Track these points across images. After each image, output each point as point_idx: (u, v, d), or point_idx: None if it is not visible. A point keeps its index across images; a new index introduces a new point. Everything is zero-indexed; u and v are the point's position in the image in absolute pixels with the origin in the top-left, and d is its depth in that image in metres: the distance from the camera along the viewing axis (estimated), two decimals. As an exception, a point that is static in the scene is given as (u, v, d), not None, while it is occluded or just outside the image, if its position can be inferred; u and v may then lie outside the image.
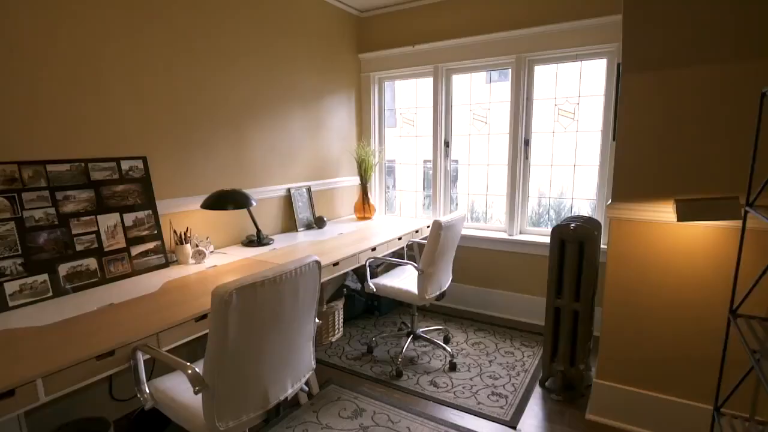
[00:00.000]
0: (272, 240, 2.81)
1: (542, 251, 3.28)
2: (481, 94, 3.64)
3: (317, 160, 3.50)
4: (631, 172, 1.98)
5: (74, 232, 1.95)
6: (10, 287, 1.73)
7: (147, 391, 1.49)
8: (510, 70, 3.31)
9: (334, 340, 3.13)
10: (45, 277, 1.83)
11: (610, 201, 2.06)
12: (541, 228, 3.44)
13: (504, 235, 3.46)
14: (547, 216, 4.02)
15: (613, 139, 2.78)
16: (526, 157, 3.35)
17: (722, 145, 1.80)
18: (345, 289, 3.39)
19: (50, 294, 1.84)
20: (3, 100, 1.76)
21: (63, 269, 1.89)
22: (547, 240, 3.24)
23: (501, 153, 3.48)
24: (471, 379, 2.61)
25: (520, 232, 3.46)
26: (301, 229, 3.20)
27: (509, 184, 3.40)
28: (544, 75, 3.26)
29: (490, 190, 3.69)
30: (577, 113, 3.18)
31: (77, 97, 2.00)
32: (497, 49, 3.26)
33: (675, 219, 1.82)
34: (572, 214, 3.33)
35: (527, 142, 3.33)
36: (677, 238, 1.93)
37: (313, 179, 3.46)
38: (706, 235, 1.88)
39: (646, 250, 2.00)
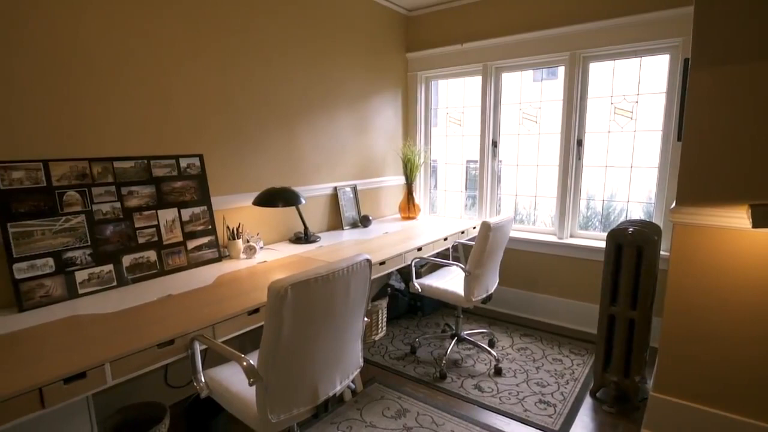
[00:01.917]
0: (319, 237, 2.86)
1: (593, 256, 3.15)
2: (531, 92, 3.54)
3: (363, 159, 3.52)
4: (698, 175, 1.86)
5: (137, 225, 2.05)
6: (80, 276, 1.84)
7: (203, 380, 1.55)
8: (563, 67, 3.19)
9: (377, 338, 3.14)
10: (110, 267, 1.94)
11: (673, 205, 1.94)
12: (593, 232, 3.30)
13: (553, 238, 3.35)
14: (597, 219, 3.85)
15: (678, 140, 2.63)
16: (579, 157, 3.23)
17: (805, 146, 1.65)
18: (389, 289, 3.39)
19: (114, 283, 1.94)
20: (77, 102, 1.89)
21: (126, 260, 2.00)
22: (599, 244, 3.11)
23: (550, 153, 3.37)
24: (517, 385, 2.54)
25: (571, 236, 3.34)
26: (347, 227, 3.23)
27: (560, 186, 3.29)
28: (600, 72, 3.13)
29: (535, 191, 3.58)
30: (635, 112, 3.03)
31: (141, 98, 2.10)
32: (550, 46, 3.16)
33: (749, 225, 1.69)
34: (626, 218, 3.18)
35: (580, 142, 3.21)
36: (750, 246, 1.79)
37: (359, 178, 3.49)
38: (784, 243, 1.73)
39: (715, 257, 1.87)
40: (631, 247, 2.23)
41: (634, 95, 3.02)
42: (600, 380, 2.40)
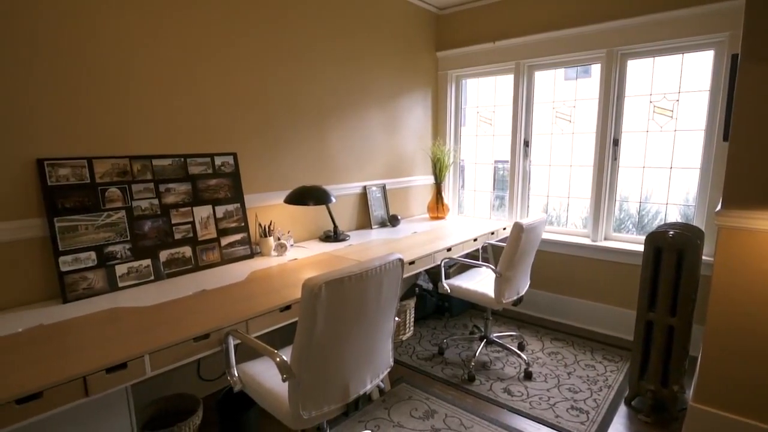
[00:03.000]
0: (348, 236, 2.87)
1: (629, 259, 3.05)
2: (564, 91, 3.45)
3: (392, 158, 3.51)
4: (747, 176, 1.77)
5: (173, 221, 2.11)
6: (120, 269, 1.90)
7: (236, 374, 1.58)
8: (596, 65, 3.11)
9: (404, 338, 3.13)
10: (148, 261, 2.00)
11: (719, 207, 1.86)
12: (627, 234, 3.20)
13: (586, 241, 3.26)
14: (630, 222, 3.73)
15: (724, 139, 2.52)
16: (615, 158, 3.13)
17: None
18: (417, 289, 3.38)
19: (152, 277, 2.00)
20: (119, 102, 1.95)
21: (163, 255, 2.05)
22: (635, 248, 3.01)
23: (584, 153, 3.29)
24: (548, 390, 2.49)
25: (605, 238, 3.24)
26: (376, 226, 3.23)
27: (594, 187, 3.20)
28: (639, 69, 3.02)
29: (565, 192, 3.49)
30: (676, 111, 2.92)
31: (178, 98, 2.16)
32: (586, 44, 3.07)
33: (802, 230, 1.60)
34: (661, 221, 3.07)
35: (616, 142, 3.11)
36: (803, 252, 1.70)
37: (388, 177, 3.49)
38: (842, 249, 1.63)
39: (763, 262, 1.78)
40: (672, 251, 2.15)
41: (675, 93, 2.90)
42: (636, 388, 2.32)
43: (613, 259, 3.12)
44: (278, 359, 1.32)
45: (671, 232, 2.16)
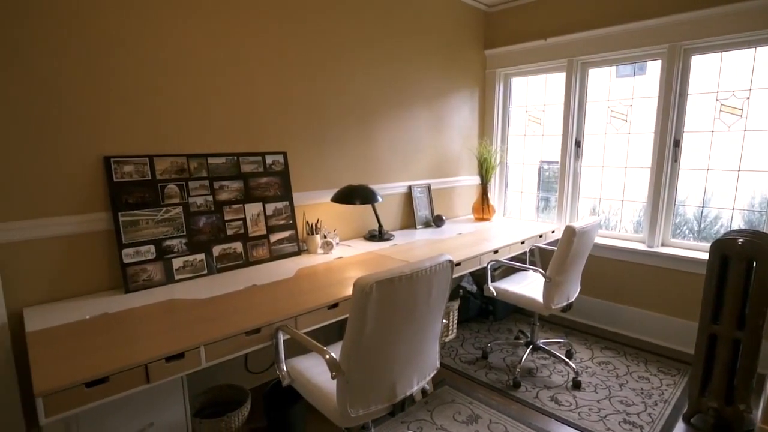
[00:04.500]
0: (393, 236, 2.86)
1: (689, 267, 2.87)
2: (620, 89, 3.29)
3: (438, 158, 3.48)
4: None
5: (226, 218, 2.18)
6: (176, 263, 1.99)
7: (285, 369, 1.61)
8: (652, 62, 2.94)
9: (447, 340, 3.10)
10: (202, 256, 2.07)
11: (798, 214, 1.71)
12: (685, 240, 3.01)
13: (642, 246, 3.10)
14: (687, 227, 3.51)
15: (802, 140, 2.32)
16: (675, 159, 2.96)
17: None
18: (461, 291, 3.33)
19: (205, 272, 2.08)
20: (178, 103, 2.04)
21: (216, 250, 2.12)
22: (696, 255, 2.83)
23: (640, 154, 3.12)
24: (598, 401, 2.38)
25: (662, 244, 3.07)
26: (420, 226, 3.21)
27: (652, 190, 3.03)
28: (703, 65, 2.84)
29: (614, 194, 3.33)
30: (746, 109, 2.72)
31: (233, 99, 2.23)
32: (645, 39, 2.92)
33: None
34: (721, 226, 2.89)
35: (677, 143, 2.94)
36: None
37: (433, 177, 3.46)
38: None
39: None
40: (741, 259, 2.00)
41: (746, 90, 2.70)
42: (696, 405, 2.18)
43: (671, 266, 2.95)
44: (328, 356, 1.33)
45: (740, 240, 2.01)
